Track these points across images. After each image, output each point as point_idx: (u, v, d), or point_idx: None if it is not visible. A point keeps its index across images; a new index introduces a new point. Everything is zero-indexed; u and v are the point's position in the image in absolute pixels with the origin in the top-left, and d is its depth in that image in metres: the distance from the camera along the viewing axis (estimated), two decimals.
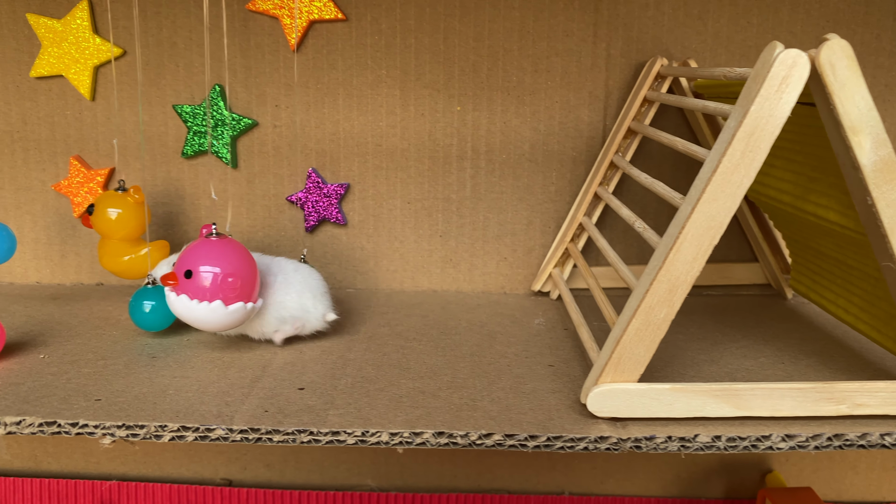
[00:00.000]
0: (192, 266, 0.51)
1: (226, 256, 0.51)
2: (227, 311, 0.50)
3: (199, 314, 0.50)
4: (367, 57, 0.67)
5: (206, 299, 0.50)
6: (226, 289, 0.50)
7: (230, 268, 0.50)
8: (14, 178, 0.70)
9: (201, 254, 0.51)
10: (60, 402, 0.46)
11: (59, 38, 0.66)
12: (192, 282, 0.50)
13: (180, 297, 0.51)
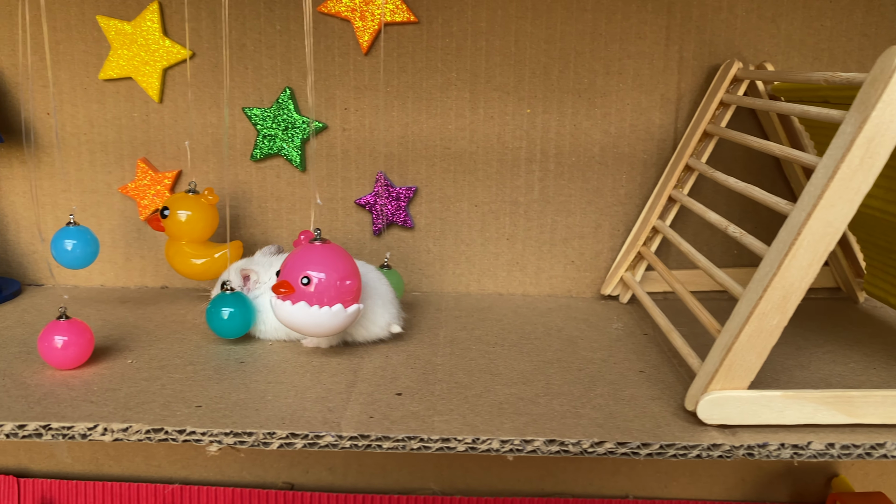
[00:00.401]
0: (308, 272, 0.50)
1: (337, 260, 0.51)
2: (346, 314, 0.50)
3: (321, 319, 0.50)
4: (438, 60, 0.67)
5: (328, 304, 0.50)
6: (344, 292, 0.50)
7: (344, 271, 0.50)
8: (80, 181, 0.70)
9: (315, 259, 0.51)
10: (162, 408, 0.45)
11: (129, 40, 0.66)
12: (311, 287, 0.50)
13: (298, 305, 0.50)
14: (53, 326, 0.50)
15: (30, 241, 0.71)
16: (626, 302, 0.68)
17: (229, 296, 0.56)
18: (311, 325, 0.51)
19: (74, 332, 0.50)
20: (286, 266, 0.52)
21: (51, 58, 0.68)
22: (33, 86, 0.68)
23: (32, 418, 0.44)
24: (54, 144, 0.69)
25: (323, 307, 0.50)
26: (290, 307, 0.51)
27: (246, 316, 0.55)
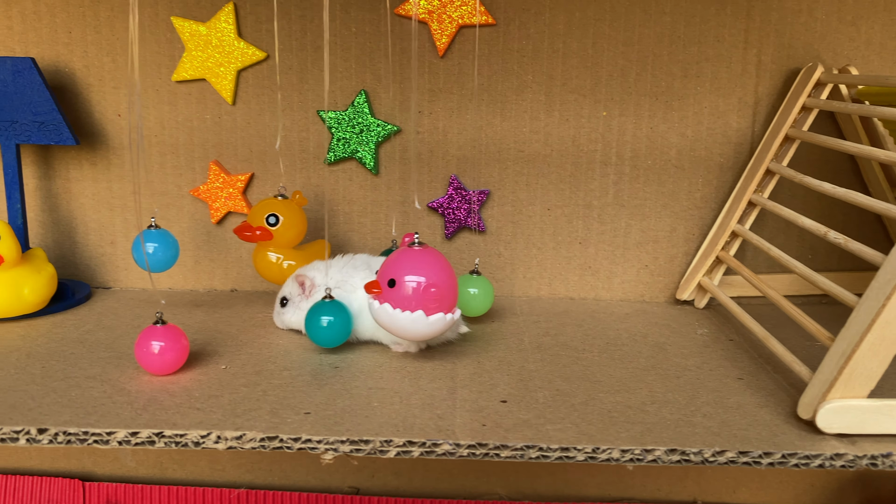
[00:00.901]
0: (396, 275, 0.50)
1: (428, 266, 0.50)
2: (427, 322, 0.49)
3: (401, 323, 0.50)
4: (514, 62, 0.66)
5: (409, 309, 0.49)
6: (427, 299, 0.50)
7: (433, 278, 0.50)
8: (150, 183, 0.69)
9: (405, 263, 0.50)
10: (270, 415, 0.45)
11: (204, 41, 0.66)
12: (395, 291, 0.50)
13: (383, 306, 0.50)
14: (150, 332, 0.50)
15: (98, 244, 0.71)
16: (703, 307, 0.67)
17: (328, 304, 0.55)
18: (393, 328, 0.51)
19: (171, 337, 0.50)
20: (384, 266, 0.52)
21: (124, 59, 0.67)
22: (104, 87, 0.68)
23: (142, 426, 0.43)
24: (125, 146, 0.69)
25: (405, 311, 0.50)
26: (377, 307, 0.51)
27: (346, 325, 0.54)
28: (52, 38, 0.67)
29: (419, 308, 0.50)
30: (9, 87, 0.62)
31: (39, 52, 0.67)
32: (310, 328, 0.54)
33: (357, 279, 0.56)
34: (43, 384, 0.49)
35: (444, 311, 0.50)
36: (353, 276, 0.57)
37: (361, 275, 0.57)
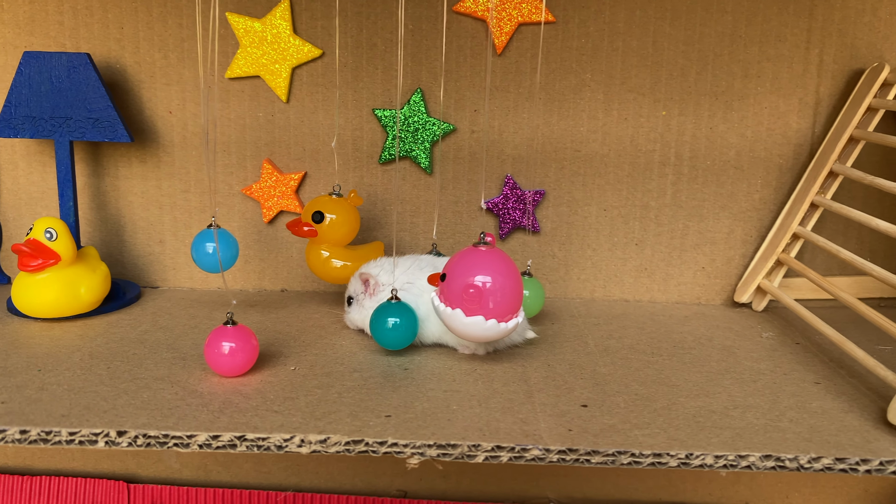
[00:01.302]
0: (449, 271, 0.49)
1: (483, 268, 0.49)
2: (464, 322, 0.49)
3: (443, 319, 0.49)
4: (572, 60, 0.66)
5: (451, 306, 0.49)
6: (466, 299, 0.48)
7: (493, 281, 0.48)
8: (200, 181, 0.68)
9: (463, 261, 0.49)
10: (351, 418, 0.44)
11: (259, 38, 0.65)
12: (445, 286, 0.49)
13: (433, 297, 0.50)
14: (221, 332, 0.49)
15: (146, 243, 0.70)
16: (761, 310, 0.67)
17: (394, 305, 0.54)
18: (449, 325, 0.50)
19: (242, 338, 0.49)
20: (449, 260, 0.51)
21: (176, 55, 0.66)
22: (155, 84, 0.67)
23: (222, 429, 0.42)
24: (175, 144, 0.68)
25: (455, 309, 0.49)
26: (436, 301, 0.50)
27: (412, 327, 0.53)
28: (104, 34, 0.66)
29: (458, 306, 0.49)
30: (63, 82, 0.61)
31: (90, 47, 0.66)
32: (375, 329, 0.53)
33: (424, 281, 0.55)
34: (112, 385, 0.48)
35: (499, 317, 0.49)
36: (419, 277, 0.56)
37: (424, 273, 0.56)
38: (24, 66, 0.61)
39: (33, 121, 0.62)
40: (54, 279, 0.58)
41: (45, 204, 0.69)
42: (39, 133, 0.62)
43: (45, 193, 0.69)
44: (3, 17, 0.66)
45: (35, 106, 0.62)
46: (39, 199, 0.69)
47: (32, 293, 0.58)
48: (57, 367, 0.50)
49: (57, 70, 0.61)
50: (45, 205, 0.69)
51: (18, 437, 0.42)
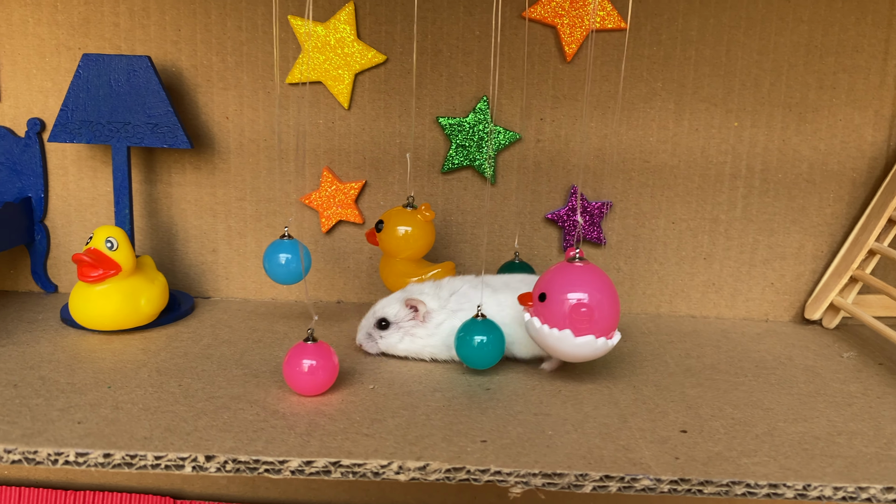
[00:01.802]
0: (549, 290, 0.47)
1: (585, 285, 0.47)
2: (573, 342, 0.47)
3: (549, 341, 0.47)
4: (643, 69, 0.64)
5: (558, 326, 0.47)
6: (577, 318, 0.47)
7: (590, 298, 0.47)
8: (256, 189, 0.66)
9: (561, 278, 0.47)
10: (445, 442, 0.42)
11: (321, 42, 0.63)
12: (545, 306, 0.47)
13: (532, 320, 0.48)
14: (301, 350, 0.47)
15: (198, 252, 0.68)
16: (833, 327, 0.65)
17: (480, 322, 0.52)
18: (542, 345, 0.49)
19: (323, 355, 0.47)
20: (540, 278, 0.49)
21: (234, 59, 0.64)
22: (212, 88, 0.65)
23: (315, 454, 0.40)
24: (231, 150, 0.66)
25: (552, 329, 0.47)
26: (528, 318, 0.49)
27: (500, 344, 0.51)
28: (161, 36, 0.64)
29: (567, 327, 0.47)
30: (122, 86, 0.59)
31: (146, 49, 0.64)
32: (462, 348, 0.51)
33: (476, 298, 0.53)
34: (188, 405, 0.46)
35: (597, 334, 0.47)
36: (469, 295, 0.54)
37: (485, 294, 0.54)
38: (82, 68, 0.59)
39: (90, 125, 0.60)
40: (114, 290, 0.56)
41: (95, 211, 0.67)
42: (97, 138, 0.60)
43: (96, 200, 0.67)
44: (57, 19, 0.64)
45: (93, 110, 0.60)
46: (89, 205, 0.67)
47: (92, 305, 0.56)
48: (126, 383, 0.48)
49: (116, 73, 0.59)
50: (95, 212, 0.67)
51: (102, 460, 0.40)
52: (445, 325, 0.54)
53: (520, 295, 0.49)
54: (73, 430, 0.42)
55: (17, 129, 0.65)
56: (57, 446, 0.40)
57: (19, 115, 0.65)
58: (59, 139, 0.60)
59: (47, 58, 0.64)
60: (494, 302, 0.53)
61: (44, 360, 0.52)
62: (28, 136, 0.65)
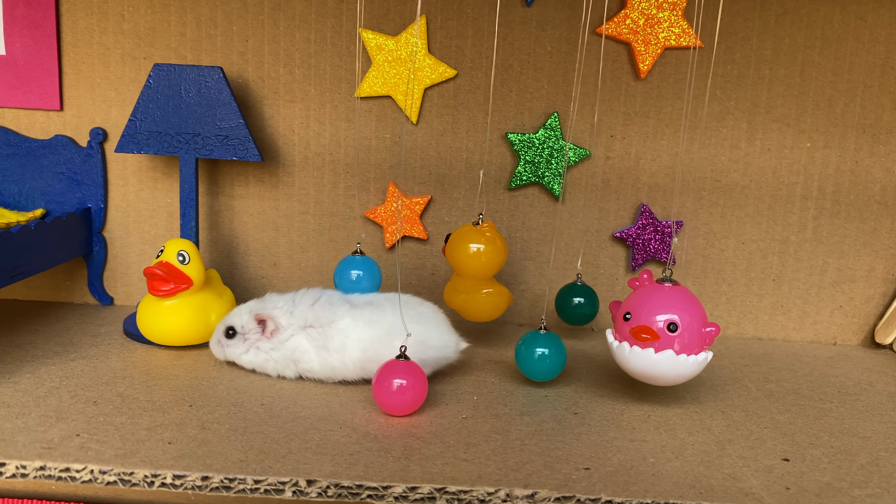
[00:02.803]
0: (675, 318, 0.46)
1: (695, 304, 0.47)
2: (698, 362, 0.46)
3: (686, 369, 0.47)
4: (717, 87, 0.63)
5: (693, 352, 0.46)
6: (705, 338, 0.46)
7: (703, 316, 0.46)
8: (319, 203, 0.65)
9: (674, 303, 0.46)
10: (547, 469, 0.41)
11: (392, 56, 0.62)
12: (680, 336, 0.46)
13: (663, 354, 0.46)
14: (392, 368, 0.46)
15: (259, 266, 0.66)
16: None
17: (542, 336, 0.51)
18: (675, 375, 0.48)
19: (413, 374, 0.46)
20: (637, 308, 0.48)
21: (301, 71, 0.63)
22: (278, 100, 0.64)
23: (417, 479, 0.39)
24: (296, 163, 0.65)
25: (690, 356, 0.46)
26: (654, 356, 0.47)
27: (561, 356, 0.51)
28: (227, 47, 0.63)
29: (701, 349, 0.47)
30: (193, 97, 0.59)
31: (212, 60, 0.63)
32: (523, 359, 0.51)
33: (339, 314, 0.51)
34: (276, 425, 0.44)
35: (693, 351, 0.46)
36: (332, 311, 0.52)
37: (341, 310, 0.52)
38: (153, 78, 0.58)
39: (159, 136, 0.59)
40: (185, 305, 0.55)
41: (154, 222, 0.66)
42: (165, 149, 0.59)
43: (155, 211, 0.66)
44: (124, 28, 0.63)
45: (161, 121, 0.59)
46: (148, 217, 0.66)
47: (164, 320, 0.54)
48: (206, 402, 0.47)
49: (187, 84, 0.58)
50: (154, 223, 0.66)
51: (199, 483, 0.38)
52: (292, 341, 0.51)
53: (632, 329, 0.48)
54: (165, 450, 0.41)
55: (78, 138, 0.64)
56: (153, 468, 0.39)
57: (81, 125, 0.64)
58: (126, 150, 0.59)
59: (112, 67, 0.64)
60: (351, 317, 0.51)
61: (117, 375, 0.51)
62: (90, 146, 0.64)
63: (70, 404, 0.46)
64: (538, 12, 0.62)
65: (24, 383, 0.49)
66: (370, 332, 0.50)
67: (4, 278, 0.53)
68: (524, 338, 0.52)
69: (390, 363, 0.46)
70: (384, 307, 0.52)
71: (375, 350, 0.50)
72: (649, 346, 0.46)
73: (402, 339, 0.48)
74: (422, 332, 0.51)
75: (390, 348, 0.48)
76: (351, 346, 0.50)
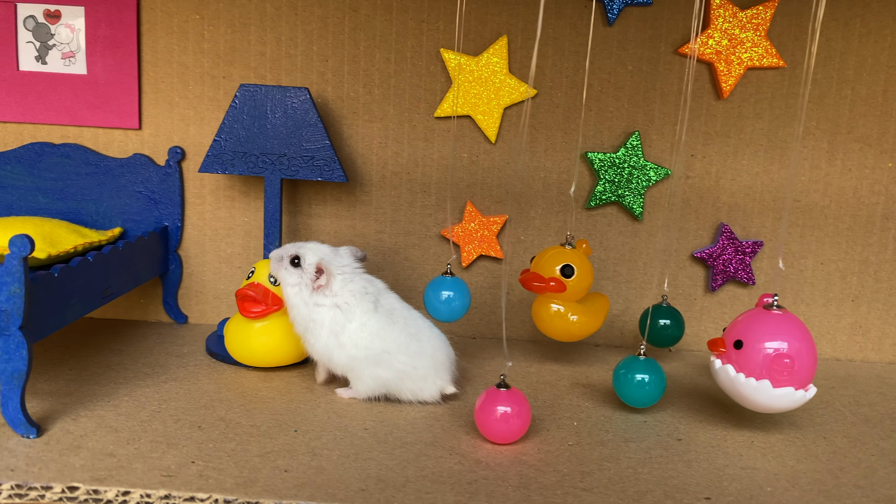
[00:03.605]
0: (744, 337, 0.46)
1: (781, 333, 0.46)
2: (771, 393, 0.46)
3: (743, 390, 0.46)
4: (798, 107, 0.63)
5: (753, 376, 0.46)
6: (777, 369, 0.46)
7: (789, 347, 0.45)
8: (396, 221, 0.65)
9: (756, 325, 0.46)
10: (669, 499, 0.40)
11: (473, 76, 0.62)
12: (743, 354, 0.46)
13: (724, 367, 0.46)
14: (495, 396, 0.45)
15: None
16: None
17: (642, 361, 0.51)
18: (732, 393, 0.48)
19: (517, 402, 0.45)
20: (733, 325, 0.48)
21: (381, 91, 0.63)
22: (357, 120, 0.64)
23: None
24: (374, 183, 0.65)
25: (748, 378, 0.46)
26: (718, 366, 0.48)
27: (661, 383, 0.50)
28: (307, 66, 0.63)
29: (766, 377, 0.46)
30: (278, 118, 0.59)
31: (291, 79, 0.63)
32: (622, 386, 0.51)
33: (356, 313, 0.51)
34: (387, 452, 0.44)
35: (796, 386, 0.46)
36: (357, 299, 0.52)
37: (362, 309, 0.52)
38: (238, 98, 0.58)
39: (244, 157, 0.59)
40: (275, 327, 0.55)
41: (230, 241, 0.66)
42: (251, 170, 0.59)
43: (232, 230, 0.66)
44: (203, 47, 0.63)
45: (247, 141, 0.59)
46: (224, 236, 0.66)
47: (254, 341, 0.54)
48: (310, 426, 0.47)
49: (273, 104, 0.58)
50: (230, 242, 0.66)
51: None
52: (320, 310, 0.51)
53: (709, 342, 0.48)
54: (283, 479, 0.40)
55: (156, 157, 0.65)
56: (276, 497, 0.38)
57: (159, 144, 0.64)
58: (210, 170, 0.59)
59: (191, 86, 0.64)
60: (359, 323, 0.51)
61: (213, 398, 0.51)
62: (168, 165, 0.64)
63: (175, 429, 0.46)
64: (619, 31, 0.62)
65: (124, 406, 0.49)
66: (363, 350, 0.51)
67: (96, 300, 0.53)
68: (624, 364, 0.51)
69: (493, 392, 0.46)
70: (395, 328, 0.51)
71: (359, 365, 0.51)
72: (719, 358, 0.46)
73: (387, 369, 0.50)
74: (408, 363, 0.51)
75: (374, 366, 0.50)
76: (348, 346, 0.51)
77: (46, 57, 0.63)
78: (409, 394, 0.51)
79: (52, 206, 0.64)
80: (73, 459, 0.41)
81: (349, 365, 0.51)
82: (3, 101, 0.64)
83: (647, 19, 0.62)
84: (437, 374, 0.52)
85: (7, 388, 0.43)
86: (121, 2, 0.62)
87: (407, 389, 0.51)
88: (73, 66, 0.63)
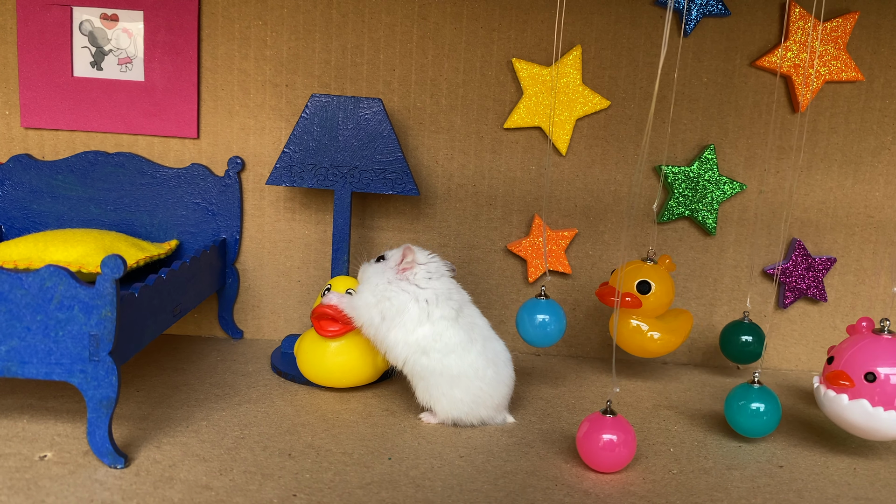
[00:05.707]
0: (876, 368, 0.44)
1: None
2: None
3: (881, 424, 0.44)
4: (874, 122, 0.62)
5: (893, 407, 0.44)
6: None
7: None
8: (460, 235, 0.63)
9: (884, 354, 0.45)
10: None
11: (546, 87, 0.60)
12: (877, 386, 0.44)
13: (858, 402, 0.45)
14: (600, 423, 0.44)
15: None
16: None
17: (755, 390, 0.49)
18: (867, 428, 0.46)
19: (623, 429, 0.44)
20: (845, 354, 0.46)
21: (448, 101, 0.62)
22: (423, 131, 0.62)
23: None
24: (438, 195, 0.63)
25: (888, 410, 0.45)
26: (846, 403, 0.45)
27: (777, 412, 0.49)
28: (373, 75, 0.61)
29: None
30: (350, 129, 0.57)
31: (356, 89, 0.61)
32: (735, 414, 0.49)
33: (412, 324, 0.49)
34: (488, 481, 0.42)
35: None
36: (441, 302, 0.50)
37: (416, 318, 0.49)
38: (309, 109, 0.56)
39: (314, 169, 0.57)
40: (351, 346, 0.53)
41: (289, 254, 0.64)
42: (321, 182, 0.57)
43: (291, 243, 0.64)
44: (266, 54, 0.61)
45: (316, 153, 0.57)
46: (283, 249, 0.64)
47: (330, 361, 0.52)
48: (404, 454, 0.45)
49: (345, 115, 0.57)
50: (289, 255, 0.64)
51: None
52: (398, 297, 0.49)
53: (829, 374, 0.46)
54: None
55: (214, 167, 0.62)
56: None
57: (217, 153, 0.62)
58: (279, 182, 0.57)
59: (251, 94, 0.62)
60: (434, 329, 0.49)
61: (294, 422, 0.49)
62: (227, 175, 0.62)
63: (265, 458, 0.44)
64: (695, 43, 0.61)
65: (205, 432, 0.46)
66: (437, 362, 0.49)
67: (168, 319, 0.51)
68: (737, 392, 0.49)
69: (598, 418, 0.44)
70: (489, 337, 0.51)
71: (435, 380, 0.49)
72: (844, 392, 0.45)
73: (464, 392, 0.49)
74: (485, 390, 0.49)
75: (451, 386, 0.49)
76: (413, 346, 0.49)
77: (102, 63, 0.61)
78: (475, 420, 0.50)
79: (105, 217, 0.62)
80: (170, 493, 0.39)
81: (416, 371, 0.49)
82: (57, 109, 0.61)
83: (724, 31, 0.61)
84: (507, 403, 0.51)
85: (95, 415, 0.41)
86: (181, 6, 0.60)
87: (475, 416, 0.49)
88: (130, 72, 0.61)
